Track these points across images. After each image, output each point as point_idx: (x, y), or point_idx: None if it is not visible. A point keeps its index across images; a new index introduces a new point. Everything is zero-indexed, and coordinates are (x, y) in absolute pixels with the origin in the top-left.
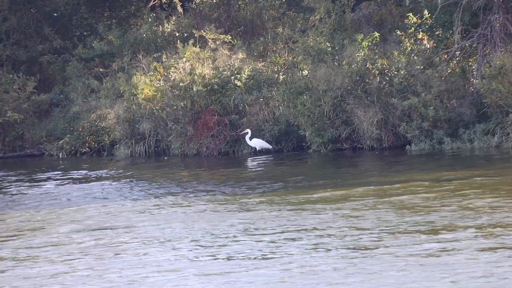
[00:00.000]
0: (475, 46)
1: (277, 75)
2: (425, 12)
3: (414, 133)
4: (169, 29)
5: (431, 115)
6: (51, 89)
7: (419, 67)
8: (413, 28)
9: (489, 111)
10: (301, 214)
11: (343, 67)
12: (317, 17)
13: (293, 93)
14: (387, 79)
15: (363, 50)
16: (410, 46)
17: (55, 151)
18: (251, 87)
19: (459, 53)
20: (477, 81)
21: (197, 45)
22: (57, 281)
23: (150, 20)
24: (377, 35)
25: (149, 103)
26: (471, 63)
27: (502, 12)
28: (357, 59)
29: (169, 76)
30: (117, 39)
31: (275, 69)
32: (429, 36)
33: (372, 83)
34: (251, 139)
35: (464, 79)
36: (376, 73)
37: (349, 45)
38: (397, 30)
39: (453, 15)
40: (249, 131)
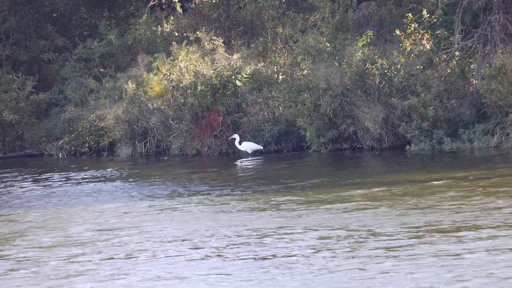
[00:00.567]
0: (475, 46)
1: (277, 75)
2: (424, 12)
3: (414, 133)
4: (168, 29)
5: (431, 115)
6: (51, 89)
7: (419, 67)
8: (412, 28)
9: (489, 111)
10: (309, 214)
11: (343, 67)
12: (317, 16)
13: (293, 92)
14: (387, 79)
15: (361, 50)
16: (410, 46)
17: (54, 151)
18: (251, 87)
19: (459, 53)
20: (476, 82)
21: (193, 46)
22: (70, 281)
23: (149, 20)
24: (370, 33)
25: (159, 99)
26: (471, 63)
27: (502, 12)
28: (356, 58)
29: (170, 76)
30: (116, 39)
31: (275, 69)
32: (430, 36)
33: (372, 83)
34: (240, 143)
35: (463, 79)
36: (375, 73)
37: (349, 45)
38: (397, 30)
39: (453, 15)
40: (237, 136)
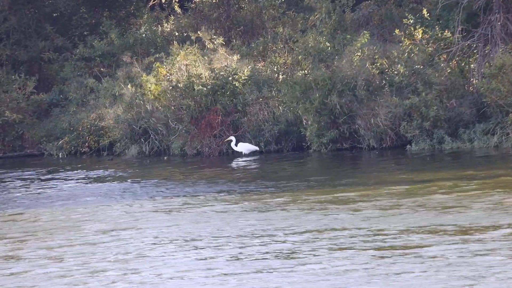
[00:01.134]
0: (475, 46)
1: (276, 75)
2: (425, 11)
3: (414, 133)
4: (169, 29)
5: (432, 115)
6: (51, 88)
7: (419, 66)
8: (411, 28)
9: (489, 111)
10: (319, 214)
11: (343, 67)
12: (317, 16)
13: (298, 90)
14: (387, 78)
15: (361, 50)
16: (410, 45)
17: (54, 151)
18: (250, 88)
19: (459, 53)
20: (477, 81)
21: (194, 46)
22: (82, 281)
23: (149, 20)
24: (367, 34)
25: (157, 100)
26: (471, 63)
27: (502, 12)
28: (356, 58)
29: (169, 76)
30: (117, 38)
31: (275, 69)
32: (429, 36)
33: (372, 83)
34: (236, 144)
35: (464, 79)
36: (375, 72)
37: (349, 45)
38: (397, 29)
39: (453, 15)
40: (233, 138)
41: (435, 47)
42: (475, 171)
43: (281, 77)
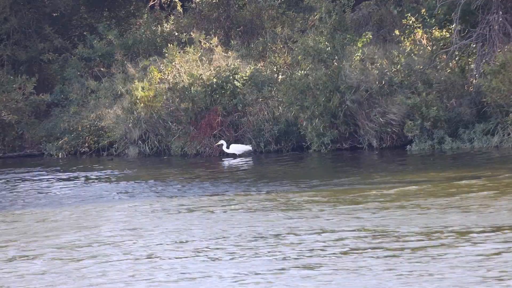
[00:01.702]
0: (474, 45)
1: (276, 75)
2: (423, 11)
3: (415, 133)
4: (168, 29)
5: (433, 115)
6: (51, 89)
7: (419, 67)
8: (411, 28)
9: (489, 111)
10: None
11: (343, 67)
12: (317, 16)
13: (296, 91)
14: (387, 78)
15: (361, 50)
16: (410, 46)
17: (54, 151)
18: (250, 88)
19: (458, 53)
20: (477, 81)
21: (191, 47)
22: (97, 281)
23: (149, 20)
24: (369, 34)
25: (148, 105)
26: (470, 63)
27: (501, 11)
28: (356, 58)
29: (166, 78)
30: (116, 39)
31: (275, 69)
32: (428, 36)
33: (372, 83)
34: (228, 147)
35: (463, 78)
36: (375, 72)
37: (349, 45)
38: (396, 29)
39: (451, 15)
40: (223, 142)
41: (434, 47)
42: (479, 171)
43: (280, 77)
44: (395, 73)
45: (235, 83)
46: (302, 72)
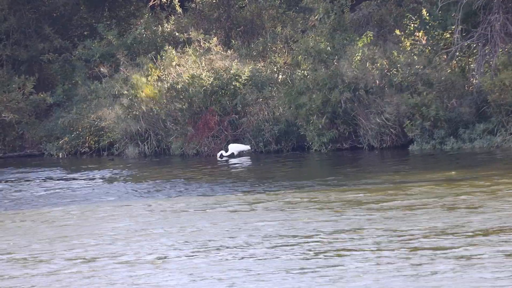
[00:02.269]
0: (475, 46)
1: (277, 75)
2: (424, 11)
3: (415, 133)
4: (169, 29)
5: (433, 115)
6: (51, 89)
7: (419, 67)
8: (411, 27)
9: (489, 111)
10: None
11: (343, 67)
12: (316, 17)
13: (294, 93)
14: (387, 79)
15: (361, 50)
16: (410, 46)
17: (54, 151)
18: (250, 88)
19: (459, 53)
20: (477, 81)
21: (191, 47)
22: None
23: (149, 20)
24: (370, 34)
25: (150, 101)
26: (471, 63)
27: (502, 12)
28: (356, 58)
29: (164, 78)
30: (116, 39)
31: (275, 69)
32: (428, 36)
33: (373, 83)
34: (226, 151)
35: (464, 78)
36: (376, 72)
37: (349, 45)
38: (397, 29)
39: (452, 15)
40: (222, 152)
41: (435, 47)
42: (483, 171)
43: (280, 77)
44: (395, 73)
45: (236, 84)
46: (302, 72)
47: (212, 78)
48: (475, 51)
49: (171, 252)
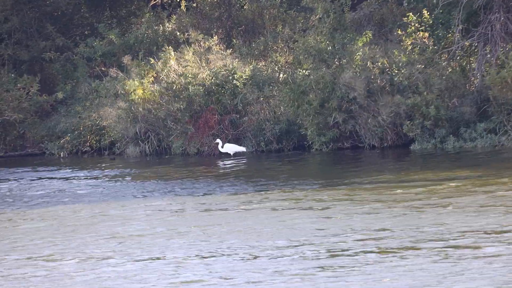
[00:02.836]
0: (476, 45)
1: (278, 74)
2: (425, 11)
3: (416, 132)
4: (170, 28)
5: (433, 114)
6: (52, 88)
7: (420, 66)
8: (412, 27)
9: (490, 110)
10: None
11: (344, 67)
12: (316, 16)
13: (296, 93)
14: (388, 78)
15: (362, 49)
16: (410, 45)
17: (56, 150)
18: (251, 87)
19: (460, 52)
20: (477, 80)
21: (191, 47)
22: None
23: (150, 19)
24: (369, 33)
25: (145, 103)
26: (471, 62)
27: (502, 11)
28: (357, 58)
29: (161, 77)
30: (117, 38)
31: (276, 68)
32: (429, 35)
33: (373, 82)
34: (222, 146)
35: (464, 78)
36: (376, 72)
37: (349, 45)
38: (398, 29)
39: (453, 14)
40: (219, 140)
41: (435, 47)
42: (487, 170)
43: (281, 76)
44: (396, 72)
45: (235, 82)
46: (303, 71)
47: (211, 77)
48: (475, 51)
49: (183, 251)
